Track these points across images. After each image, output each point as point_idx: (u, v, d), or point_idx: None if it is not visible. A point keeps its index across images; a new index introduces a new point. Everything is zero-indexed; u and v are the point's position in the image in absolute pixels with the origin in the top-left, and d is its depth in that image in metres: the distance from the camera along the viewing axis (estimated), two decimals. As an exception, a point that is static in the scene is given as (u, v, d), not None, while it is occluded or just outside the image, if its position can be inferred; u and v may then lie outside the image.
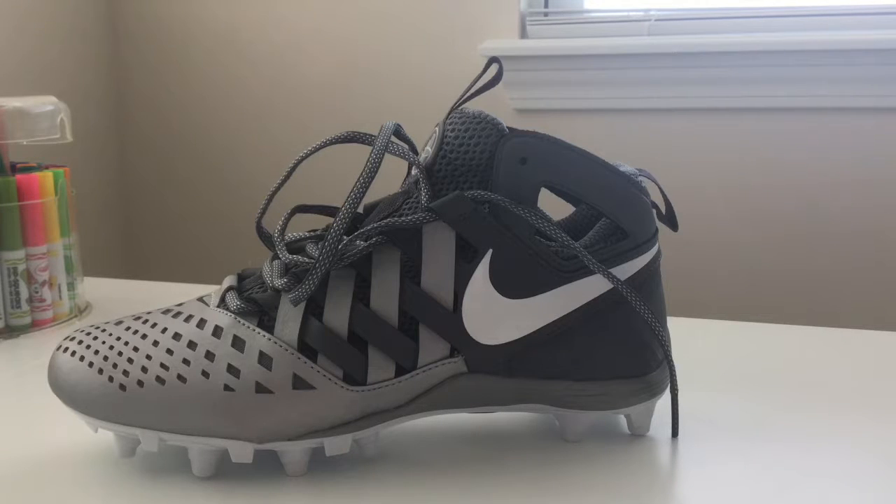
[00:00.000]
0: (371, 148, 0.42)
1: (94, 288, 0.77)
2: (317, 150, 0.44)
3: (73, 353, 0.42)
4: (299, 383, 0.41)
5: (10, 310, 0.65)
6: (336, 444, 0.41)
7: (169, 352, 0.41)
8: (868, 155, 1.31)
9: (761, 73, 1.31)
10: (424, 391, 0.42)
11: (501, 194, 0.42)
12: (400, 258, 0.42)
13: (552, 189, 0.43)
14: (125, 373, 0.41)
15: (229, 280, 0.45)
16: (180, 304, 0.45)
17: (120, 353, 0.42)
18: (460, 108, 0.44)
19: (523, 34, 1.44)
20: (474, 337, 0.42)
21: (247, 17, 1.56)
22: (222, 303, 0.44)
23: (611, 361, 0.44)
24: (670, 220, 0.48)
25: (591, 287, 0.43)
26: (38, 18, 1.46)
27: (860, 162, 1.32)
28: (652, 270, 0.45)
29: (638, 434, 0.46)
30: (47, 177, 0.67)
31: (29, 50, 1.45)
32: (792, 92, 1.31)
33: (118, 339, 0.42)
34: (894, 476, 0.42)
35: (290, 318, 0.42)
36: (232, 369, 0.41)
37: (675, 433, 0.46)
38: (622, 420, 0.47)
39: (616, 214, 0.44)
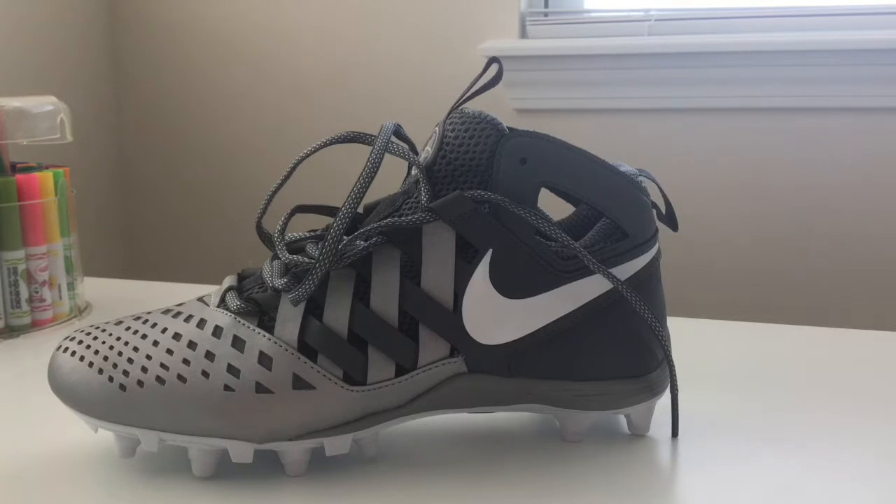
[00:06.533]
0: (371, 148, 0.42)
1: (94, 288, 0.77)
2: (317, 150, 0.44)
3: (73, 353, 0.42)
4: (299, 383, 0.41)
5: (10, 310, 0.65)
6: (336, 444, 0.41)
7: (169, 352, 0.41)
8: (868, 155, 1.31)
9: (761, 73, 1.31)
10: (424, 391, 0.42)
11: (501, 194, 0.42)
12: (400, 258, 0.42)
13: (552, 189, 0.43)
14: (125, 373, 0.41)
15: (229, 280, 0.45)
16: (180, 304, 0.45)
17: (120, 353, 0.42)
18: (460, 108, 0.44)
19: (523, 34, 1.44)
20: (474, 337, 0.42)
21: (247, 16, 1.56)
22: (222, 303, 0.44)
23: (611, 361, 0.44)
24: (670, 220, 0.48)
25: (591, 287, 0.43)
26: (37, 18, 1.46)
27: (860, 162, 1.32)
28: (652, 270, 0.45)
29: (638, 434, 0.46)
30: (47, 177, 0.67)
31: (29, 50, 1.45)
32: (792, 92, 1.31)
33: (118, 339, 0.42)
34: (894, 476, 0.42)
35: (290, 318, 0.42)
36: (232, 369, 0.41)
37: (675, 433, 0.46)
38: (622, 420, 0.47)
39: (616, 214, 0.44)
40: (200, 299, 0.45)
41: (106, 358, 0.41)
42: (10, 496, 0.41)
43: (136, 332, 0.43)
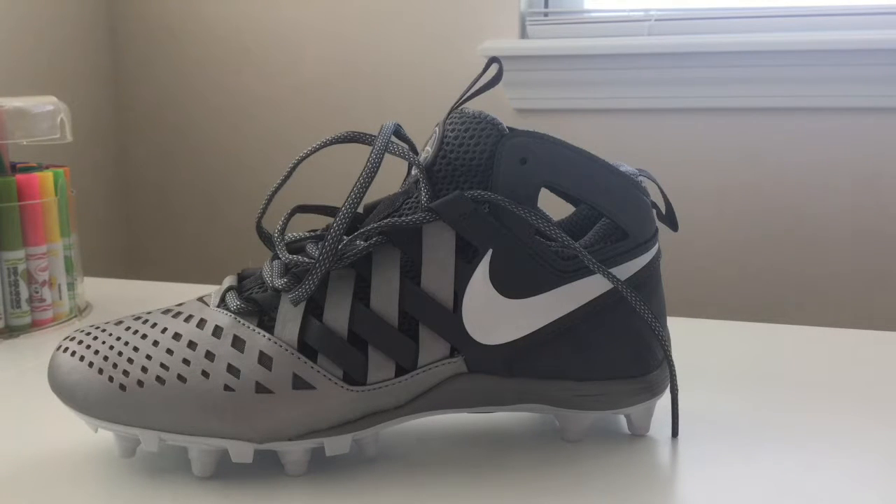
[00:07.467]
0: (371, 148, 0.42)
1: (94, 288, 0.77)
2: (317, 150, 0.44)
3: (73, 353, 0.42)
4: (299, 383, 0.41)
5: (10, 310, 0.65)
6: (336, 444, 0.41)
7: (169, 352, 0.41)
8: (868, 155, 1.31)
9: (761, 73, 1.31)
10: (424, 391, 0.42)
11: (501, 194, 0.42)
12: (400, 258, 0.42)
13: (552, 189, 0.43)
14: (125, 373, 0.41)
15: (229, 280, 0.45)
16: (180, 304, 0.45)
17: (120, 353, 0.42)
18: (460, 108, 0.44)
19: (523, 34, 1.44)
20: (474, 337, 0.42)
21: (247, 16, 1.56)
22: (222, 303, 0.44)
23: (611, 361, 0.44)
24: (670, 220, 0.48)
25: (590, 287, 0.43)
26: (37, 18, 1.46)
27: (860, 162, 1.32)
28: (652, 270, 0.45)
29: (638, 434, 0.46)
30: (47, 177, 0.67)
31: (29, 50, 1.45)
32: (792, 92, 1.31)
33: (118, 339, 0.42)
34: (894, 476, 0.42)
35: (290, 318, 0.42)
36: (232, 369, 0.41)
37: (675, 433, 0.46)
38: (622, 420, 0.47)
39: (616, 214, 0.44)
40: (200, 299, 0.45)
41: (106, 358, 0.41)
42: (10, 496, 0.41)
43: (136, 332, 0.43)
